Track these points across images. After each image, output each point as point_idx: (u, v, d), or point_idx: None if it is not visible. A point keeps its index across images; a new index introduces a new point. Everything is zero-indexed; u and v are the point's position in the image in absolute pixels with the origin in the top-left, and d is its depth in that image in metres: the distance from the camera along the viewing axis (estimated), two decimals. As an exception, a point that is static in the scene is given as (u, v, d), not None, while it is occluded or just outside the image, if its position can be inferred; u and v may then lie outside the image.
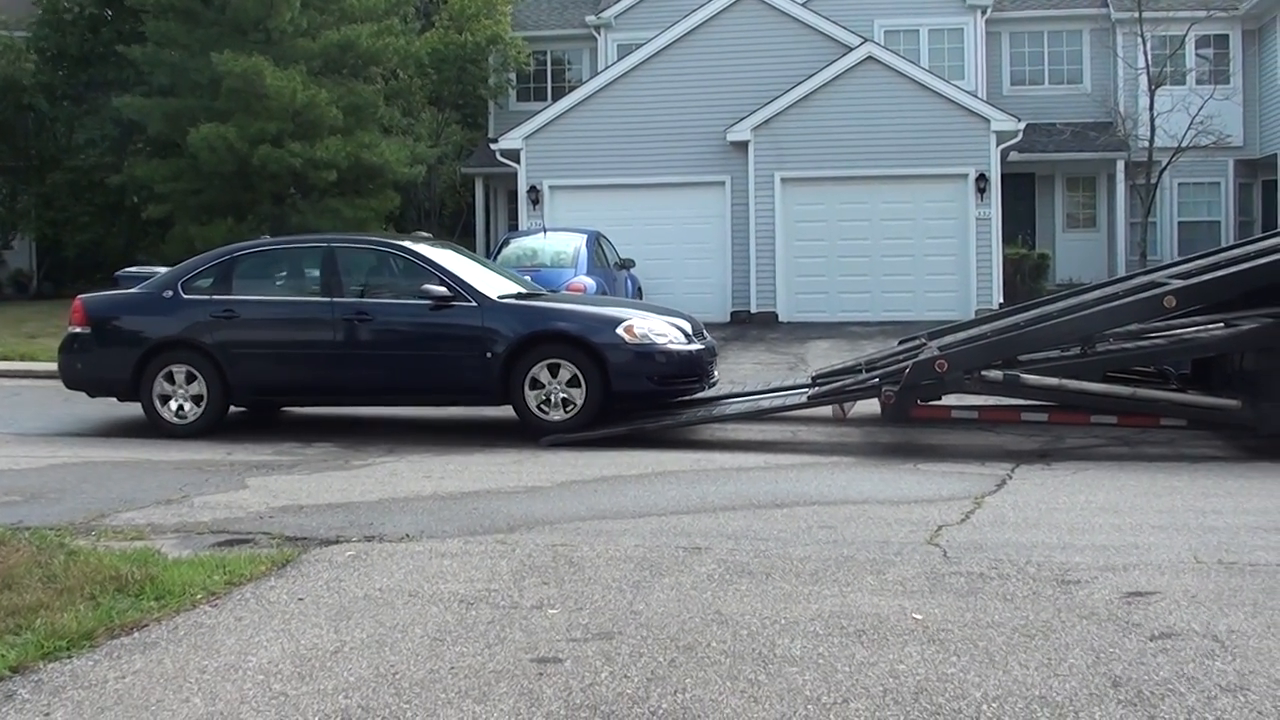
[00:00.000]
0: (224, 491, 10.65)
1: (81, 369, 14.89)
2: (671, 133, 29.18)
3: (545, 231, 24.63)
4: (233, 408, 14.81)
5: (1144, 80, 32.73)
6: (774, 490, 10.49)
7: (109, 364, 14.66)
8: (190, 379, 14.29)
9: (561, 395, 13.50)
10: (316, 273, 14.75)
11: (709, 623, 6.52)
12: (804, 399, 13.73)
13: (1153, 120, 31.93)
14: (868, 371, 14.06)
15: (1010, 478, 11.08)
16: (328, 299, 14.32)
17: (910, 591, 7.14)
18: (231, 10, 33.44)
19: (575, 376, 13.47)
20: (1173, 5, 34.03)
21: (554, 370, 13.53)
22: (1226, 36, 35.15)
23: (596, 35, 37.03)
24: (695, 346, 14.06)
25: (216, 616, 6.78)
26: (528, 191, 29.77)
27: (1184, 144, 32.02)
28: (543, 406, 13.54)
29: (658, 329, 13.80)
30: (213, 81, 32.23)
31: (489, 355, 13.66)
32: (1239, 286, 12.77)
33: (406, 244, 15.12)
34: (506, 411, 15.31)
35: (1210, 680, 5.65)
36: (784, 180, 28.65)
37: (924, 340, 14.92)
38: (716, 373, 14.77)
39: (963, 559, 7.93)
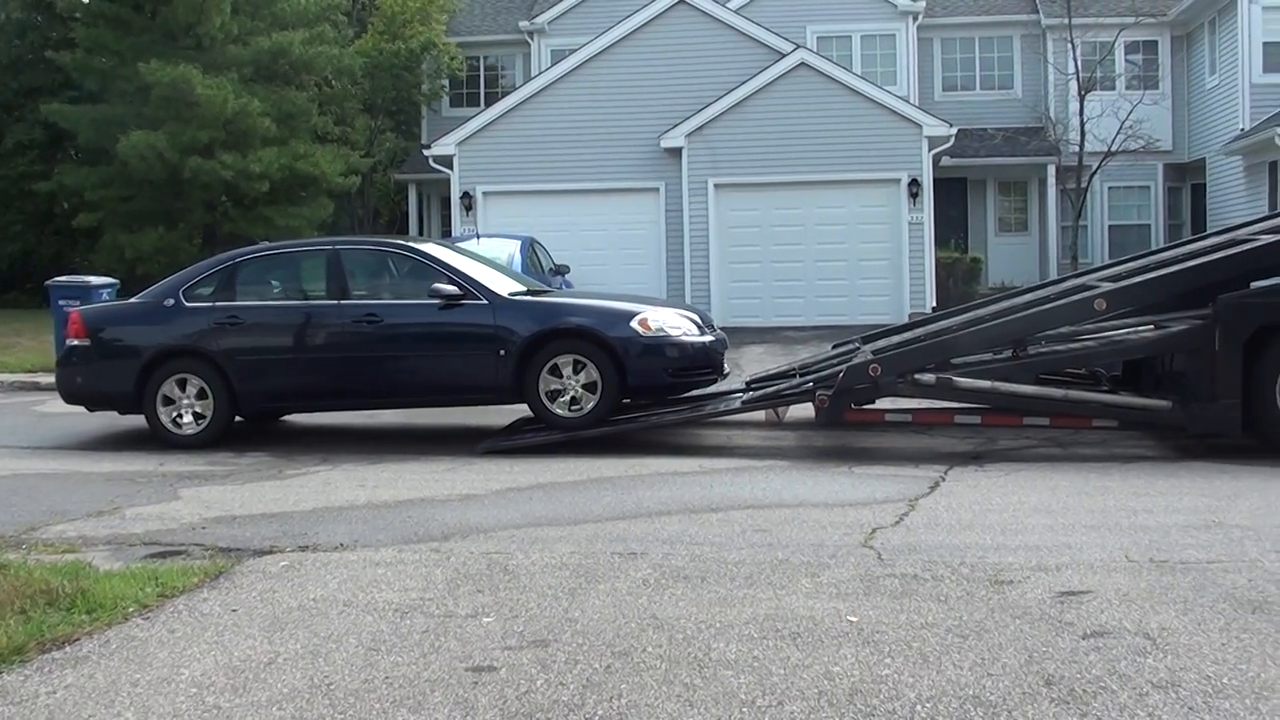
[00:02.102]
0: (156, 503, 10.58)
1: (81, 382, 14.58)
2: (605, 138, 29.15)
3: (478, 238, 24.51)
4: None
5: (1074, 86, 32.99)
6: (709, 494, 10.51)
7: (110, 376, 14.36)
8: (195, 388, 14.06)
9: (577, 391, 13.39)
10: (322, 276, 14.52)
11: (645, 628, 6.52)
12: (739, 404, 13.76)
13: (1083, 125, 32.19)
14: (802, 376, 14.11)
15: (944, 480, 11.13)
16: (335, 302, 14.14)
17: (845, 594, 7.16)
18: (162, 17, 33.25)
19: (590, 371, 13.35)
20: (1102, 12, 34.41)
21: (569, 366, 13.41)
22: (1155, 42, 35.51)
23: (530, 41, 37.00)
24: (708, 338, 14.00)
25: (149, 629, 6.72)
26: (461, 198, 29.65)
27: (1114, 148, 32.29)
28: (558, 403, 13.44)
29: (671, 321, 13.73)
30: (143, 89, 32.04)
31: (502, 353, 13.51)
32: (1168, 289, 12.88)
33: (413, 244, 15.03)
34: (443, 418, 15.29)
35: (1142, 677, 5.70)
36: (718, 186, 28.65)
37: (858, 344, 14.96)
38: (727, 366, 14.74)
39: (897, 561, 7.96)
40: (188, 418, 14.06)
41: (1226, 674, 5.75)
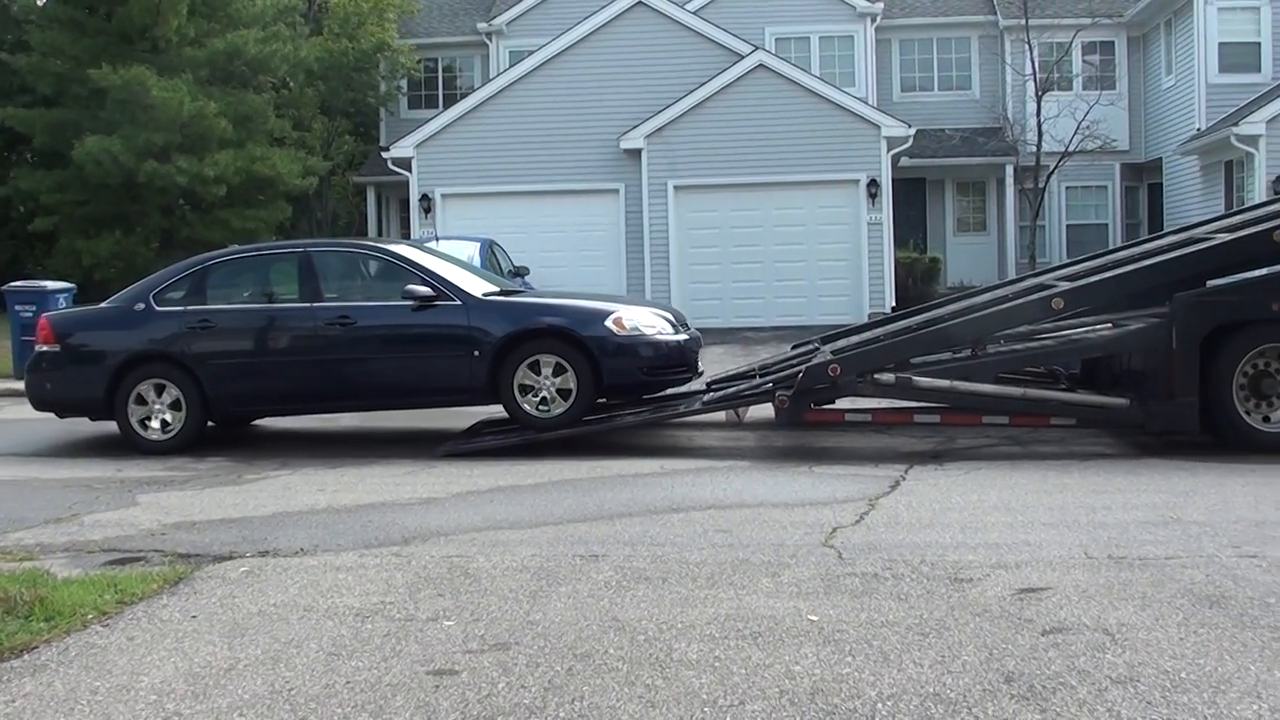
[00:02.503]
0: (115, 509, 10.51)
1: (51, 389, 14.40)
2: (564, 140, 29.17)
3: (437, 240, 24.44)
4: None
5: (1031, 86, 33.18)
6: (670, 495, 10.52)
7: (80, 382, 14.21)
8: (167, 393, 13.90)
9: (551, 391, 13.29)
10: (294, 279, 14.37)
11: (606, 630, 6.52)
12: (699, 405, 13.76)
13: (1040, 125, 32.37)
14: (762, 376, 14.12)
15: (904, 479, 11.15)
16: (308, 304, 14.02)
17: (805, 593, 7.17)
18: (117, 19, 33.08)
19: (566, 371, 13.26)
20: (1059, 13, 34.62)
21: (544, 366, 13.31)
22: (1112, 43, 35.72)
23: (488, 42, 36.93)
24: (682, 337, 13.94)
25: (108, 637, 6.68)
26: (419, 200, 29.62)
27: (1071, 148, 32.48)
28: (532, 402, 13.34)
29: (646, 320, 13.67)
30: (98, 92, 31.87)
31: (476, 354, 13.40)
32: (1125, 288, 12.97)
33: (385, 245, 14.96)
34: (402, 421, 15.26)
35: (1101, 673, 5.73)
36: (677, 188, 28.71)
37: (817, 345, 14.99)
38: (702, 365, 14.68)
39: (857, 560, 7.98)
40: (159, 423, 13.93)
41: (1185, 668, 5.78)
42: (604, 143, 29.05)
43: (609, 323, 13.44)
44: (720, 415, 14.45)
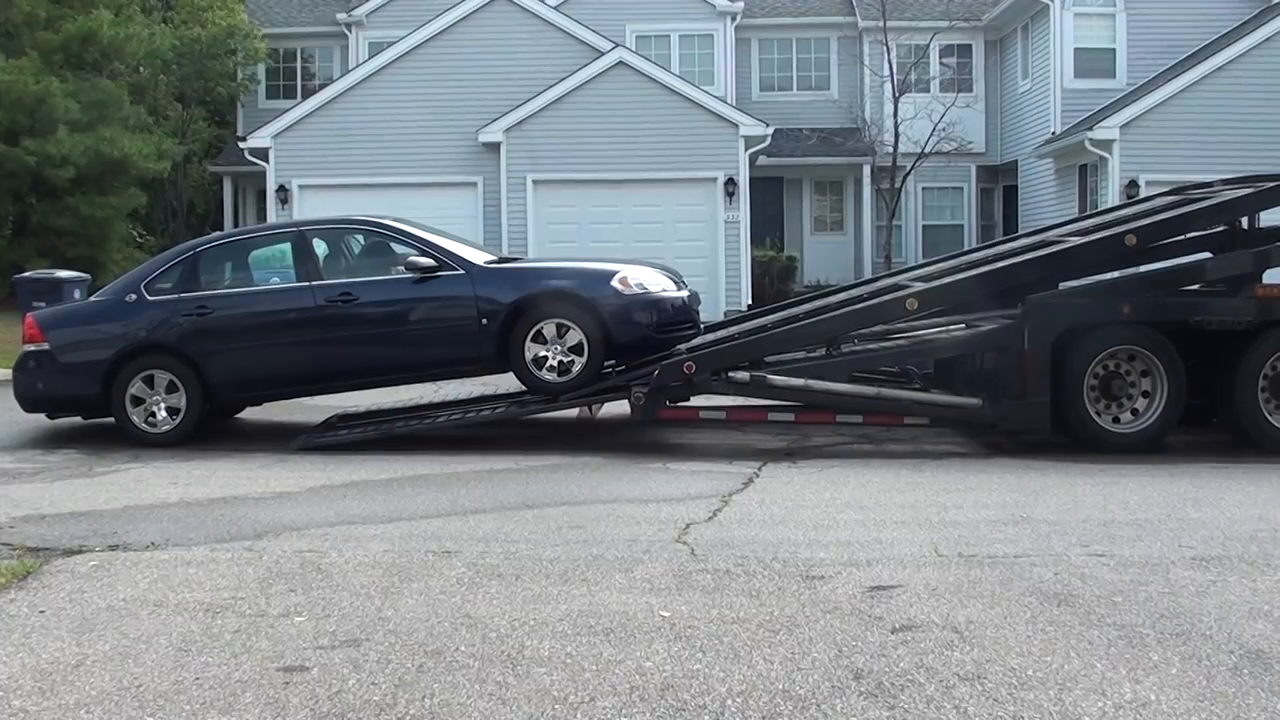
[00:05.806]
0: (-41, 501, 10.30)
1: (43, 388, 13.93)
2: (424, 132, 29.08)
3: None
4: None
5: (889, 87, 33.49)
6: (524, 491, 10.53)
7: (74, 379, 13.75)
8: (166, 384, 13.52)
9: (563, 355, 13.06)
10: (289, 259, 14.02)
11: (458, 626, 6.51)
12: (556, 399, 13.76)
13: (897, 127, 32.70)
14: (618, 373, 14.15)
15: (757, 476, 11.24)
16: (307, 283, 13.65)
17: (658, 589, 7.21)
18: (-36, 3, 32.33)
19: (575, 334, 13.04)
20: (918, 15, 35.03)
21: (552, 330, 13.09)
22: (970, 46, 36.14)
23: (348, 33, 36.56)
24: (684, 293, 13.90)
25: (-50, 631, 6.56)
26: (276, 191, 29.33)
27: (927, 150, 32.87)
28: (544, 368, 13.12)
29: (650, 279, 13.56)
30: (-56, 78, 31.13)
31: (485, 322, 13.17)
32: (979, 289, 13.17)
33: (380, 219, 14.63)
34: (256, 414, 15.09)
35: (949, 670, 5.82)
36: (536, 182, 28.72)
37: (674, 342, 15.06)
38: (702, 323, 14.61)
39: (710, 556, 8.03)
40: (161, 415, 13.53)
41: (1031, 666, 5.89)
42: (463, 135, 28.99)
43: (615, 282, 13.32)
44: (574, 410, 14.45)
